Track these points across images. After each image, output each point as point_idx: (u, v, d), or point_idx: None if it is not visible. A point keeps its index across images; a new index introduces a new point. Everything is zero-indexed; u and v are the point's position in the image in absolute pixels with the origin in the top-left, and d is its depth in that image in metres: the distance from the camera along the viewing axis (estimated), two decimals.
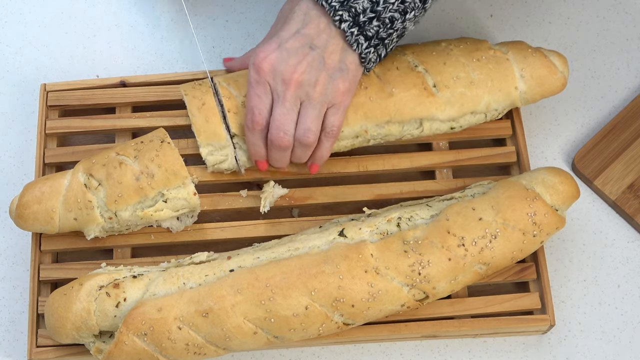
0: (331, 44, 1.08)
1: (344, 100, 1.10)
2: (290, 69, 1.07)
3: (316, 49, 1.07)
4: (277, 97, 1.09)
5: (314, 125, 1.09)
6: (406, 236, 1.07)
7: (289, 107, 1.08)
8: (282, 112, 1.09)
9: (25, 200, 1.12)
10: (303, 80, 1.07)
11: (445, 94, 1.16)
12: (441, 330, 1.12)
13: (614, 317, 1.18)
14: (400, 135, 1.17)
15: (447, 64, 1.16)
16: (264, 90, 1.09)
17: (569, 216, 1.21)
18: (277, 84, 1.08)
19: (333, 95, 1.09)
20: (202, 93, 1.17)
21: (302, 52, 1.07)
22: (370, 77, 1.15)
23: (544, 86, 1.18)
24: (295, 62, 1.07)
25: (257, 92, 1.09)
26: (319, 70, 1.08)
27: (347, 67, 1.09)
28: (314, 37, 1.08)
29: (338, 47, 1.08)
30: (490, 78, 1.17)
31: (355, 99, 1.14)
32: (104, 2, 1.35)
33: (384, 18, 1.07)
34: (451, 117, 1.17)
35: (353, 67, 1.09)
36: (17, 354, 1.16)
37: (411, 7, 1.07)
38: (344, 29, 1.07)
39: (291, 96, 1.08)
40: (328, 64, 1.08)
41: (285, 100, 1.08)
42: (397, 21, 1.08)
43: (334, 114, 1.10)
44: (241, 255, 1.09)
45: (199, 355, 1.06)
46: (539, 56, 1.18)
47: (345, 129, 1.15)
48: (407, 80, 1.15)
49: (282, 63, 1.07)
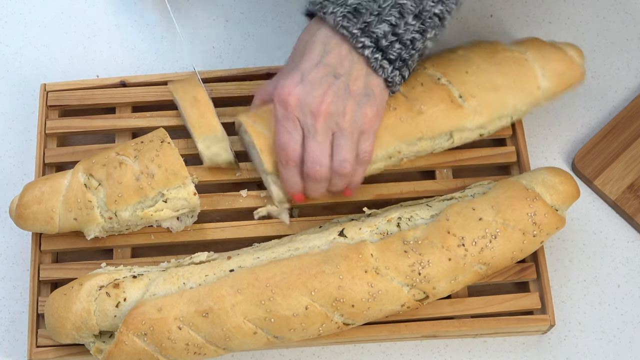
0: (354, 70, 1.06)
1: (372, 126, 1.09)
2: (317, 100, 1.06)
3: (340, 77, 1.06)
4: (308, 130, 1.07)
5: (350, 155, 1.08)
6: (406, 236, 1.07)
7: (321, 140, 1.07)
8: (315, 146, 1.07)
9: (25, 200, 1.12)
10: (331, 111, 1.06)
11: (472, 104, 1.15)
12: (441, 330, 1.12)
13: (614, 317, 1.18)
14: (431, 149, 1.17)
15: (469, 72, 1.16)
16: (294, 125, 1.07)
17: (569, 216, 1.21)
18: (306, 118, 1.07)
19: (362, 121, 1.08)
20: (192, 88, 1.17)
21: (326, 82, 1.06)
22: (396, 97, 1.14)
23: (565, 80, 1.18)
24: (321, 93, 1.06)
25: (286, 127, 1.07)
26: (345, 98, 1.06)
27: (372, 91, 1.08)
28: (336, 66, 1.06)
29: (362, 72, 1.07)
30: (512, 80, 1.16)
31: (385, 120, 1.13)
32: (104, 2, 1.35)
33: (406, 40, 1.06)
34: (480, 125, 1.17)
35: (378, 91, 1.08)
36: (17, 354, 1.16)
37: (431, 27, 1.07)
38: (367, 55, 1.06)
39: (322, 128, 1.06)
40: (353, 90, 1.07)
41: (317, 133, 1.07)
42: (418, 42, 1.07)
43: (365, 140, 1.09)
44: (241, 255, 1.09)
45: (199, 355, 1.06)
46: (556, 51, 1.18)
47: (378, 152, 1.14)
48: (434, 95, 1.15)
49: (308, 96, 1.06)
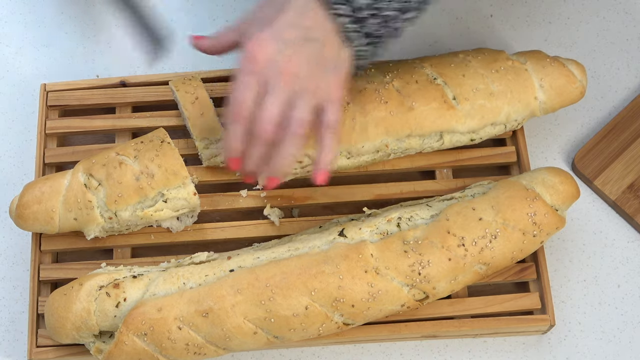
0: (328, 38, 1.04)
1: (338, 95, 1.06)
2: (286, 59, 1.02)
3: (313, 41, 1.03)
4: (271, 87, 1.02)
5: (306, 117, 1.03)
6: (406, 236, 1.07)
7: (281, 99, 1.03)
8: (273, 102, 1.02)
9: (25, 200, 1.12)
10: (298, 73, 1.03)
11: (465, 107, 1.15)
12: (441, 330, 1.12)
13: (614, 317, 1.18)
14: (420, 148, 1.17)
15: (466, 76, 1.16)
16: (255, 81, 1.02)
17: (569, 216, 1.21)
18: (271, 75, 1.02)
19: (328, 90, 1.05)
20: (194, 88, 1.18)
21: (299, 44, 1.03)
22: (390, 91, 1.15)
23: (563, 95, 1.18)
24: (292, 53, 1.02)
25: (247, 82, 1.02)
26: (314, 64, 1.03)
27: (341, 63, 1.05)
28: (311, 30, 1.03)
29: (335, 41, 1.04)
30: (509, 89, 1.16)
31: (375, 113, 1.14)
32: (104, 2, 1.35)
33: (384, 15, 1.04)
34: (471, 129, 1.17)
35: (347, 64, 1.06)
36: (17, 354, 1.16)
37: (412, 8, 1.06)
38: (343, 23, 1.03)
39: (285, 87, 1.02)
40: (324, 57, 1.04)
41: (279, 91, 1.02)
42: (395, 20, 1.05)
43: (331, 108, 1.05)
44: (241, 255, 1.09)
45: (199, 355, 1.06)
46: (557, 65, 1.18)
47: (366, 143, 1.14)
48: (427, 93, 1.15)
49: (279, 54, 1.02)
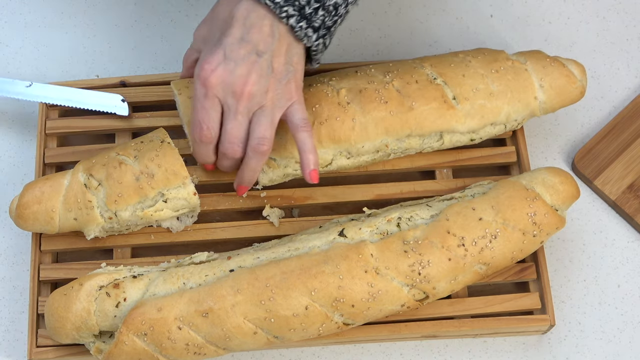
0: (276, 47, 1.05)
1: (298, 96, 1.08)
2: (240, 81, 1.04)
3: (263, 55, 1.05)
4: (229, 109, 1.06)
5: (268, 133, 1.07)
6: (406, 236, 1.07)
7: (241, 120, 1.06)
8: (234, 126, 1.07)
9: (25, 200, 1.12)
10: (254, 92, 1.05)
11: (465, 107, 1.15)
12: (441, 330, 1.12)
13: (614, 317, 1.18)
14: (420, 148, 1.17)
15: (466, 75, 1.16)
16: (212, 104, 1.06)
17: (569, 216, 1.21)
18: (228, 98, 1.05)
19: (287, 96, 1.07)
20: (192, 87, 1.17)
21: (249, 60, 1.04)
22: (389, 91, 1.15)
23: (563, 95, 1.18)
24: (245, 73, 1.04)
25: (204, 106, 1.06)
26: (268, 77, 1.05)
27: (293, 67, 1.07)
28: (259, 43, 1.04)
29: (283, 48, 1.05)
30: (509, 89, 1.16)
31: (375, 113, 1.14)
32: (104, 2, 1.35)
33: (328, 6, 1.05)
34: (471, 129, 1.17)
35: (300, 66, 1.08)
36: (17, 354, 1.16)
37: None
38: (292, 24, 1.04)
39: (243, 109, 1.06)
40: (275, 68, 1.06)
41: (238, 113, 1.06)
42: (340, 7, 1.06)
43: (296, 109, 1.08)
44: (241, 255, 1.09)
45: (199, 355, 1.06)
46: (557, 66, 1.18)
47: (365, 143, 1.14)
48: (427, 93, 1.15)
49: (231, 75, 1.04)
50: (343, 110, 1.14)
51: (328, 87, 1.16)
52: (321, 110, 1.14)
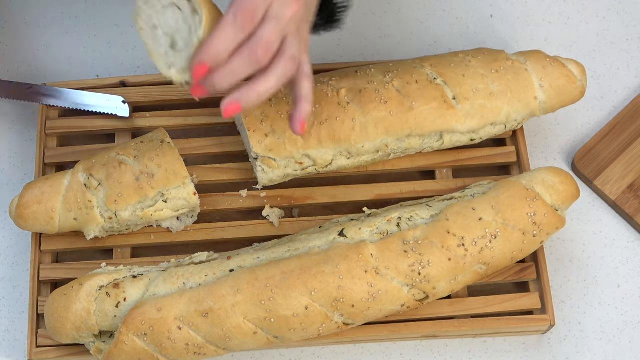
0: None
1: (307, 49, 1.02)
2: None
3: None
4: (276, 15, 0.96)
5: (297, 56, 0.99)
6: (406, 236, 1.07)
7: (280, 29, 0.97)
8: (273, 29, 0.96)
9: (25, 200, 1.12)
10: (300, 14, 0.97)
11: (465, 107, 1.15)
12: (441, 330, 1.12)
13: (614, 317, 1.18)
14: (420, 148, 1.17)
15: (466, 75, 1.16)
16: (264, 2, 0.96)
17: (569, 216, 1.21)
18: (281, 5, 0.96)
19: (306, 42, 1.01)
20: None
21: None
22: (389, 91, 1.15)
23: (563, 95, 1.18)
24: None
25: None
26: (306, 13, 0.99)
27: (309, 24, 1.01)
28: None
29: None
30: (509, 89, 1.16)
31: (375, 113, 1.14)
32: (104, 2, 1.35)
33: None
34: (471, 129, 1.17)
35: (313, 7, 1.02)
36: (17, 354, 1.16)
37: None
38: None
39: (288, 21, 0.97)
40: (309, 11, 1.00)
41: (284, 20, 0.96)
42: None
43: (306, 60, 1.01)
44: (241, 255, 1.09)
45: (199, 355, 1.06)
46: (557, 65, 1.18)
47: (365, 143, 1.14)
48: (427, 93, 1.15)
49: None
50: (343, 110, 1.14)
51: (328, 87, 1.16)
52: (321, 110, 1.14)
